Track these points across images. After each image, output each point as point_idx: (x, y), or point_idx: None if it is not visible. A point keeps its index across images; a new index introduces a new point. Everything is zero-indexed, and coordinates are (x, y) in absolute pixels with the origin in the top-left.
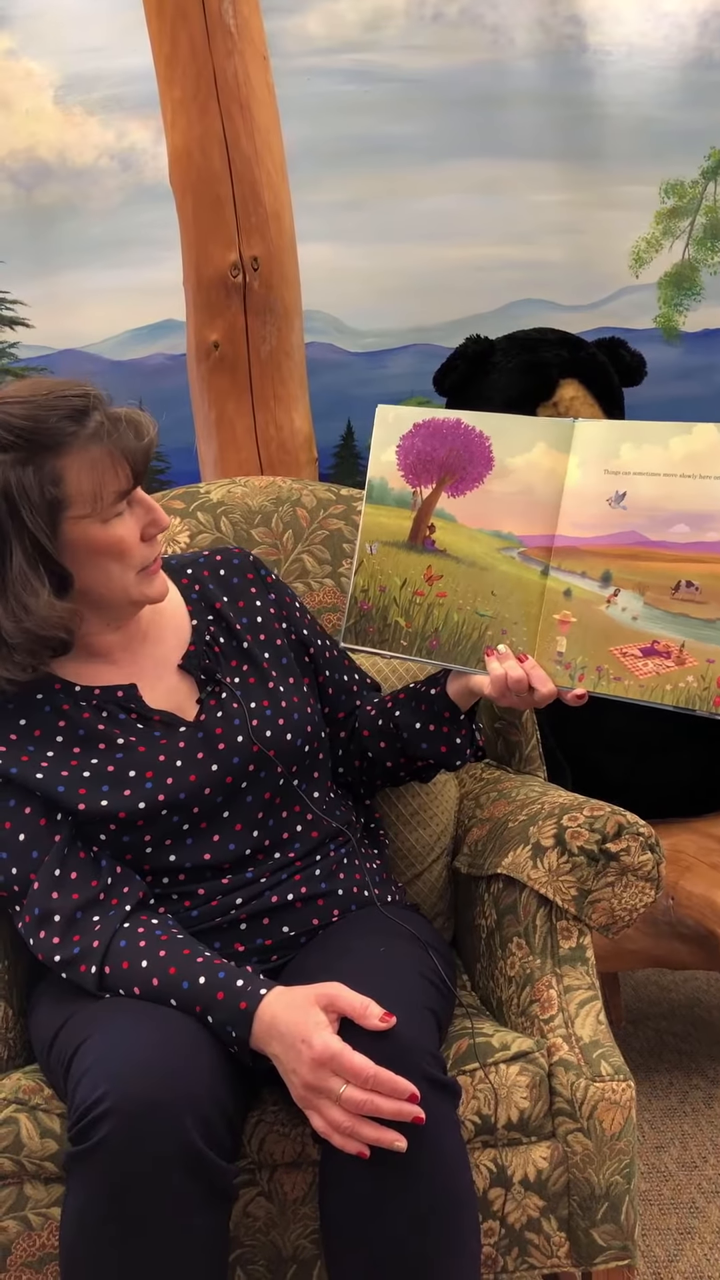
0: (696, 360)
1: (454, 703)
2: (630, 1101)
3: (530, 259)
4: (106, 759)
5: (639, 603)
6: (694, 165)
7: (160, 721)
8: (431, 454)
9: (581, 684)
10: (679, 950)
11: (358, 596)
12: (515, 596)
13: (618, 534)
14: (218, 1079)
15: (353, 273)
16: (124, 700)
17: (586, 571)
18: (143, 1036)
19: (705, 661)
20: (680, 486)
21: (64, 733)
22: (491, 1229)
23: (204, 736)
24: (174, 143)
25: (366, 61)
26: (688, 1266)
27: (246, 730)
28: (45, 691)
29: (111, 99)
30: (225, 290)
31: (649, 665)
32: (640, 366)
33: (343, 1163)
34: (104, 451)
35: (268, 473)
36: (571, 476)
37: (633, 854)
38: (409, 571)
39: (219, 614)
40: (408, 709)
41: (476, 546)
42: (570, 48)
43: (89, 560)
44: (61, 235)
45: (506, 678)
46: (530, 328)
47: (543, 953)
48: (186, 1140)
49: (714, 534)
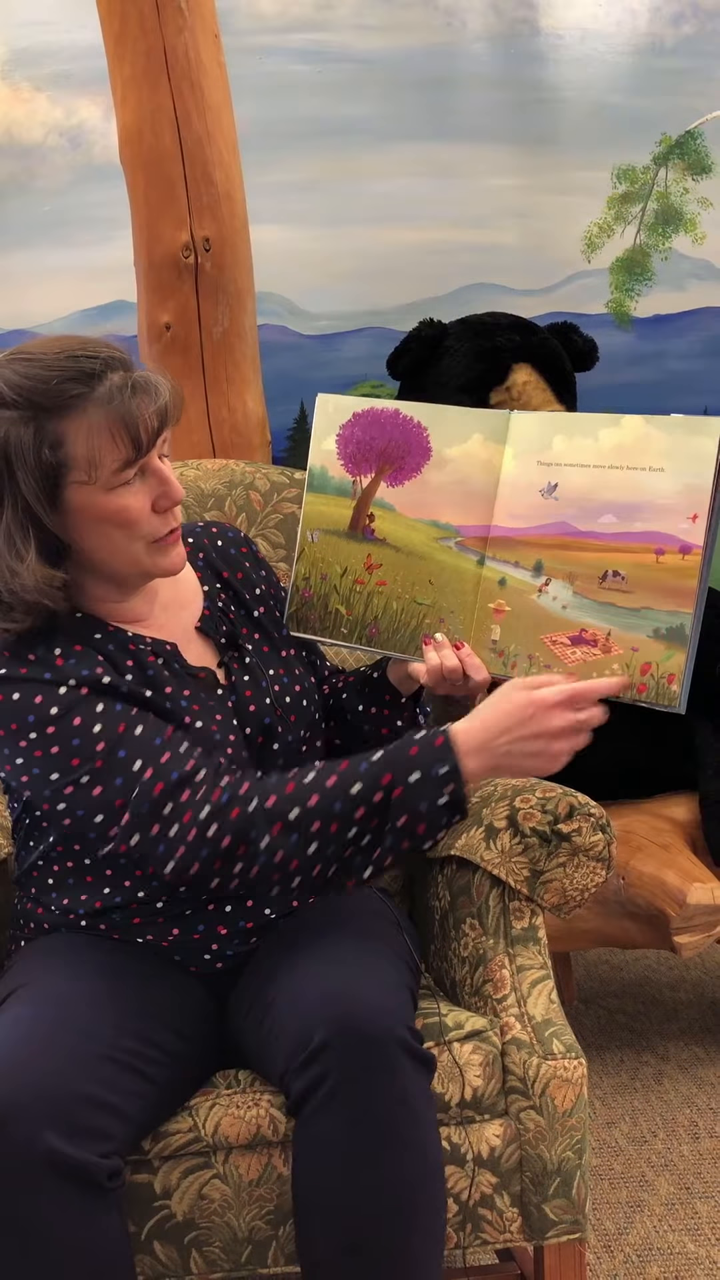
0: (648, 346)
1: (395, 687)
2: (582, 1079)
3: (483, 243)
4: (163, 701)
5: (568, 592)
6: (646, 151)
7: (203, 680)
8: (371, 443)
9: (514, 671)
10: (630, 929)
11: (299, 584)
12: (452, 585)
13: (549, 524)
14: (87, 1070)
15: (305, 255)
16: (171, 655)
17: (520, 561)
18: (4, 1039)
19: (630, 650)
20: (608, 478)
21: (132, 671)
22: (446, 1206)
23: (236, 699)
24: (124, 121)
25: (319, 41)
26: (637, 1239)
27: (271, 693)
28: (101, 631)
29: (60, 75)
30: (177, 271)
31: (577, 653)
32: (592, 352)
33: (318, 1133)
34: (104, 418)
35: (220, 456)
36: (507, 468)
37: (584, 835)
38: (349, 560)
39: (226, 582)
40: (353, 692)
41: (415, 536)
42: (523, 31)
43: (93, 528)
44: (9, 214)
45: (441, 666)
46: (483, 312)
47: (495, 933)
48: (44, 1143)
49: (640, 525)
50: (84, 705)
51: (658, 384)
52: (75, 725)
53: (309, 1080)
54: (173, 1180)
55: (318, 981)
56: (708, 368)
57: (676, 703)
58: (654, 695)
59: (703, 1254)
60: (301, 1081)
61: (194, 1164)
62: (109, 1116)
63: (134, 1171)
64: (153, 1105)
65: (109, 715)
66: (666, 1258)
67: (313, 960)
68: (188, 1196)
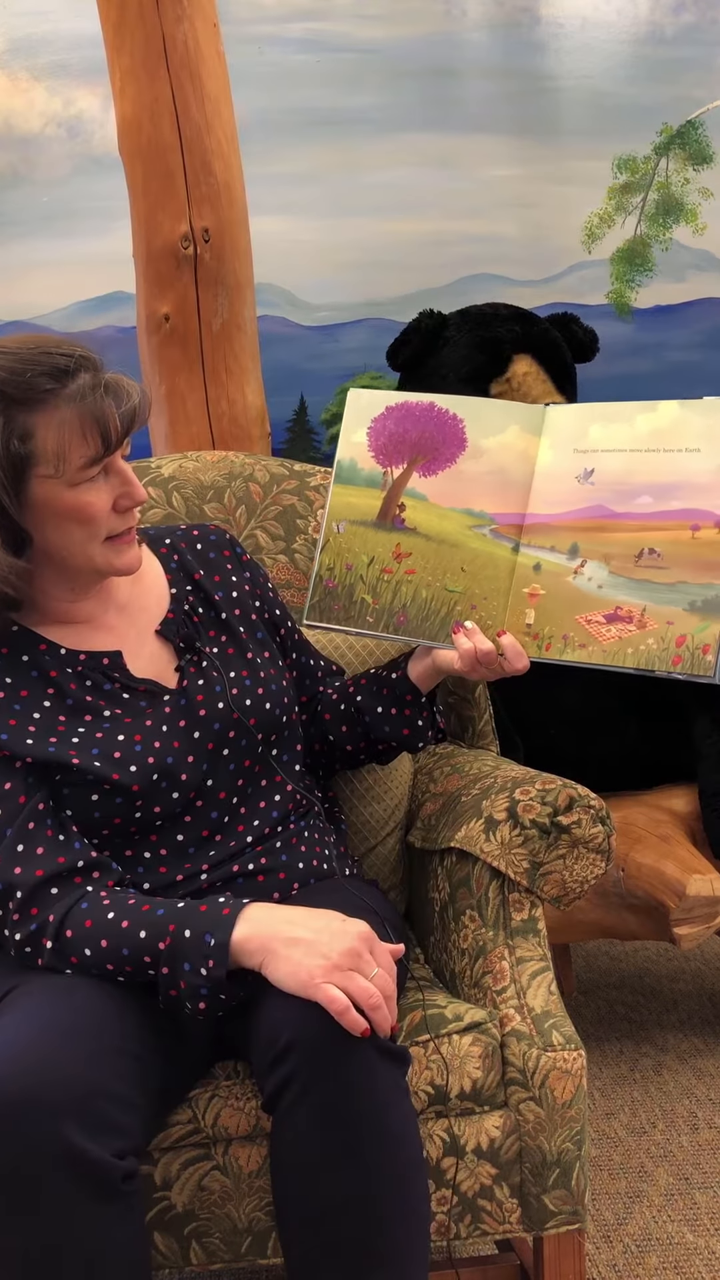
0: (648, 337)
1: (415, 685)
2: (581, 1070)
3: (483, 233)
4: (94, 727)
5: (604, 571)
6: (646, 141)
7: (145, 691)
8: (404, 435)
9: (548, 652)
10: (629, 921)
11: (323, 574)
12: (486, 572)
13: (585, 508)
14: (105, 1064)
15: (305, 245)
16: (109, 668)
17: (555, 545)
18: (22, 1032)
19: (665, 624)
20: (645, 460)
21: (52, 699)
22: (445, 1197)
23: (185, 704)
24: (123, 111)
25: (318, 30)
26: (636, 1229)
27: (226, 698)
28: (31, 653)
29: (58, 65)
30: (176, 262)
31: (612, 630)
32: (593, 343)
33: (292, 1131)
34: (75, 415)
35: (220, 447)
36: (543, 458)
37: (584, 826)
38: (377, 549)
39: (197, 585)
40: (369, 693)
41: (447, 524)
42: (523, 20)
43: (52, 522)
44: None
45: (476, 651)
46: (483, 303)
47: (495, 925)
48: (64, 1139)
49: (676, 503)
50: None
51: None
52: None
53: (279, 1079)
54: (173, 1171)
55: None
56: (708, 358)
57: (712, 672)
58: (689, 666)
59: (701, 1244)
60: (272, 1081)
61: (194, 1155)
62: (127, 1111)
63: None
64: (159, 1101)
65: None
66: (665, 1248)
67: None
68: (188, 1188)
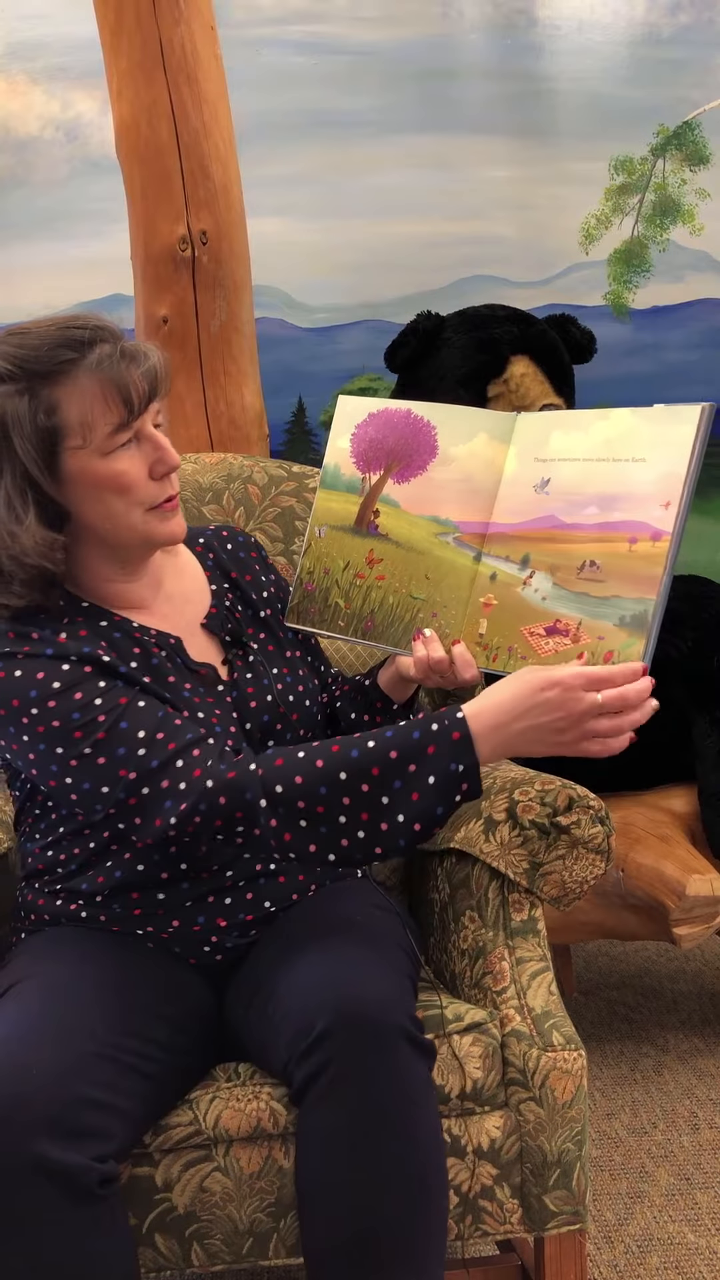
0: (645, 337)
1: (385, 693)
2: (581, 1070)
3: (480, 234)
4: (167, 696)
5: (549, 583)
6: (643, 142)
7: (204, 676)
8: (382, 441)
9: (495, 664)
10: (629, 921)
11: (304, 578)
12: (448, 580)
13: (539, 518)
14: (79, 1069)
15: (303, 247)
16: (174, 648)
17: (510, 555)
18: (3, 1033)
19: (596, 639)
20: (596, 470)
21: (137, 659)
22: (448, 1195)
23: (237, 696)
24: (120, 114)
25: (316, 33)
26: (637, 1229)
27: (274, 691)
28: (107, 620)
29: (56, 68)
30: (174, 264)
31: (550, 644)
32: (590, 344)
33: (320, 1122)
34: (96, 382)
35: (218, 449)
36: (509, 466)
37: (583, 827)
38: (352, 554)
39: (234, 583)
40: (347, 699)
41: (416, 531)
42: (520, 22)
43: (91, 495)
44: (5, 208)
45: (429, 659)
46: (481, 304)
47: (495, 925)
48: (34, 1148)
49: (619, 514)
50: (86, 681)
51: (655, 375)
52: (77, 699)
53: (311, 1068)
54: (174, 1173)
55: (319, 970)
56: (705, 359)
57: None
58: None
59: (703, 1244)
60: (304, 1070)
61: (195, 1157)
62: (109, 1117)
63: (135, 1165)
64: (153, 1102)
65: (111, 690)
66: (666, 1248)
67: (314, 950)
68: (189, 1189)
